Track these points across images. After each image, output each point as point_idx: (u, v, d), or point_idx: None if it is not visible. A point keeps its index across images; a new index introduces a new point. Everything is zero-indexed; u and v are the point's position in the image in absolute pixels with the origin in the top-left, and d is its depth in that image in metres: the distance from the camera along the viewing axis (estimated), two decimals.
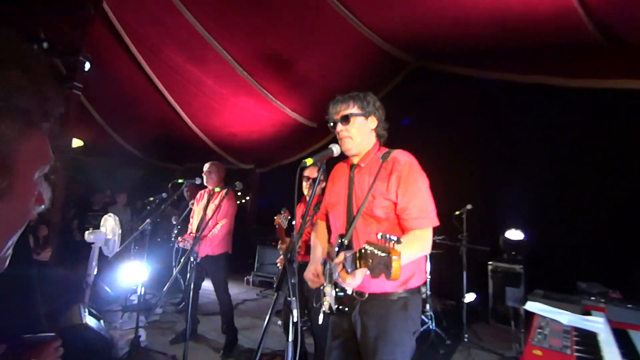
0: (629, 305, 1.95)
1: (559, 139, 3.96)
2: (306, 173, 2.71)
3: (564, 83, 3.49)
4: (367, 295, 1.36)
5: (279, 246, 3.06)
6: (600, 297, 2.19)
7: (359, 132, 1.49)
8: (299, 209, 3.04)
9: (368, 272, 1.02)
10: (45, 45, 4.56)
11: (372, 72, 4.41)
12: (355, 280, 1.17)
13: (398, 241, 0.92)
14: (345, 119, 1.48)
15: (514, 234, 4.05)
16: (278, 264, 2.95)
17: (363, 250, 1.03)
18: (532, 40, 3.30)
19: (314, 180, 2.71)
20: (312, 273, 1.48)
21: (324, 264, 1.50)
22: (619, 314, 1.84)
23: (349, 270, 1.13)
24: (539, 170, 4.11)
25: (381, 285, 1.35)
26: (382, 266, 0.92)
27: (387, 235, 0.94)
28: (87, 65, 5.04)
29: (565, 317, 1.61)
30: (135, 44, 4.84)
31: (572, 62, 3.38)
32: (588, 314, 1.74)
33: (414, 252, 1.34)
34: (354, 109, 1.49)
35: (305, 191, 2.76)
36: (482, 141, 4.49)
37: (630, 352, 1.34)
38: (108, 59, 5.13)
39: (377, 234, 1.00)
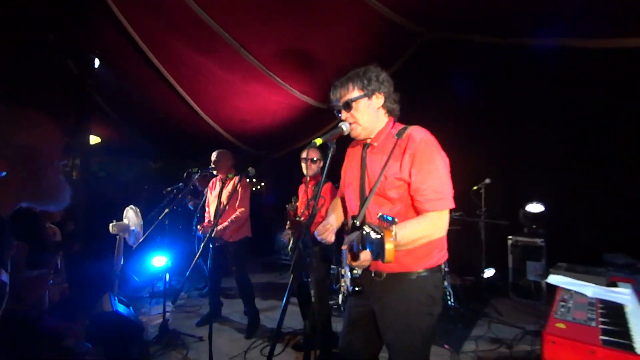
0: None
1: (581, 107, 3.75)
2: (303, 155, 2.70)
3: (588, 44, 3.26)
4: (385, 275, 1.35)
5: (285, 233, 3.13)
6: (626, 269, 2.12)
7: (363, 115, 1.40)
8: (302, 189, 3.07)
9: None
10: (54, 46, 4.64)
11: (382, 46, 4.24)
12: (359, 263, 1.15)
13: (393, 221, 0.88)
14: (347, 106, 1.40)
15: (535, 207, 3.94)
16: (282, 238, 3.04)
17: (364, 232, 1.00)
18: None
19: (312, 160, 2.73)
20: (323, 225, 1.44)
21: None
22: None
23: (355, 252, 1.12)
24: (559, 140, 3.93)
25: (400, 264, 1.32)
26: (377, 248, 0.89)
27: (385, 216, 0.91)
28: (97, 62, 5.11)
29: (590, 290, 1.57)
30: (141, 36, 4.84)
31: (594, 21, 3.14)
32: (614, 285, 1.69)
33: (421, 233, 1.27)
34: (354, 92, 1.40)
35: (305, 172, 2.77)
36: (499, 113, 4.31)
37: None
38: (117, 54, 5.17)
39: (392, 213, 0.98)
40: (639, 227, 3.35)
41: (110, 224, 3.50)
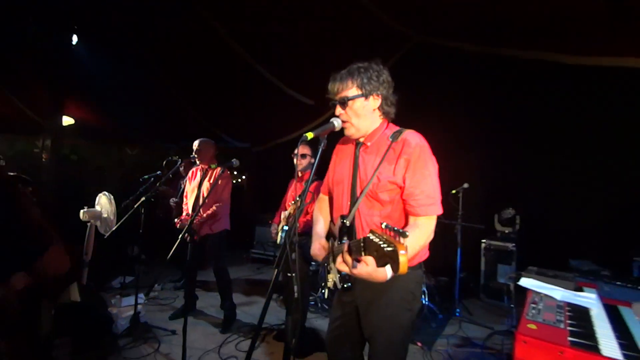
0: (619, 283, 2.00)
1: (553, 119, 3.95)
2: (295, 150, 2.71)
3: (566, 60, 3.42)
4: None
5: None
6: (591, 275, 2.25)
7: (358, 115, 1.37)
8: (292, 183, 3.05)
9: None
10: (31, 20, 4.35)
11: (371, 46, 4.26)
12: (359, 271, 1.11)
13: (404, 235, 0.88)
14: (343, 103, 1.37)
15: (507, 213, 4.11)
16: (273, 235, 3.03)
17: (368, 240, 0.99)
18: (535, 15, 3.18)
19: (302, 155, 2.73)
20: (318, 248, 1.46)
21: (328, 240, 1.49)
22: (609, 290, 1.90)
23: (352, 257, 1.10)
24: (533, 149, 4.12)
25: None
26: (388, 259, 0.89)
27: (394, 228, 0.91)
28: (75, 39, 4.84)
29: (559, 293, 1.65)
30: (125, 15, 4.62)
31: (574, 39, 3.30)
32: (580, 290, 1.78)
33: (420, 244, 1.30)
34: (352, 90, 1.36)
35: (298, 167, 2.81)
36: (479, 120, 4.44)
37: (621, 326, 1.39)
38: (97, 31, 4.91)
39: (380, 222, 0.97)
40: (603, 235, 3.56)
41: (81, 210, 3.34)
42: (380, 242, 0.91)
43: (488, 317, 3.61)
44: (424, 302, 3.53)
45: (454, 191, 3.77)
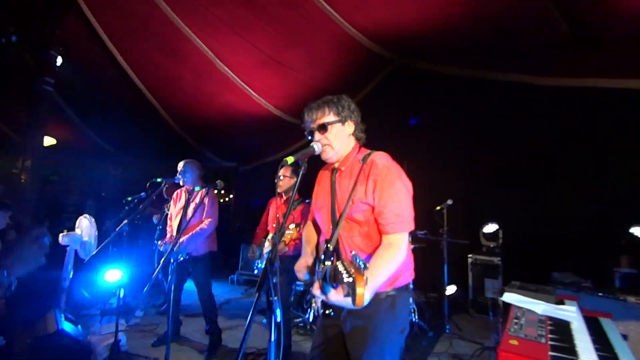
0: (600, 294, 2.06)
1: (533, 136, 4.11)
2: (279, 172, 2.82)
3: (539, 81, 3.62)
4: None
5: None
6: (573, 287, 2.30)
7: (337, 139, 1.47)
8: (272, 202, 3.07)
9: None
10: (14, 38, 4.32)
11: (355, 69, 4.40)
12: (328, 298, 1.15)
13: (365, 267, 0.90)
14: (323, 128, 1.45)
15: (492, 228, 4.19)
16: (250, 255, 2.99)
17: (336, 269, 1.01)
18: (510, 39, 3.38)
19: (279, 178, 2.82)
20: (302, 263, 1.49)
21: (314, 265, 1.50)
22: (590, 302, 1.95)
23: (329, 286, 1.13)
24: (515, 166, 4.26)
25: None
26: (348, 289, 0.90)
27: (357, 258, 0.93)
28: (59, 60, 4.81)
29: (540, 307, 1.68)
30: (110, 37, 4.66)
31: (548, 61, 3.50)
32: (562, 303, 1.82)
33: (393, 261, 1.31)
34: (329, 116, 1.46)
35: (278, 189, 2.89)
36: (462, 138, 4.59)
37: (601, 338, 1.42)
38: (82, 52, 4.92)
39: (362, 243, 0.96)
40: (584, 247, 3.66)
41: (60, 234, 3.23)
42: (344, 271, 0.93)
43: (478, 332, 3.60)
44: (414, 319, 3.52)
45: (438, 207, 3.83)
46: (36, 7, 4.22)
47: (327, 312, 1.31)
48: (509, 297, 1.80)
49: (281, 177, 2.84)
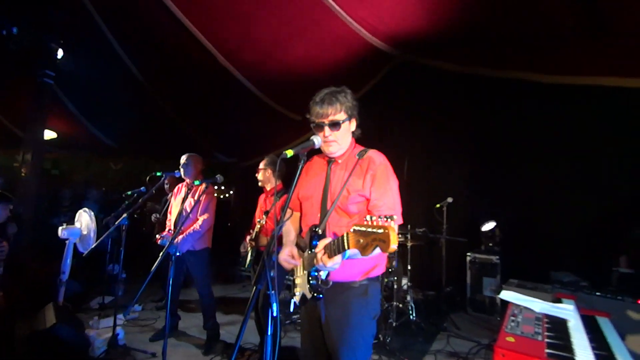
0: (597, 293, 2.05)
1: (534, 134, 4.09)
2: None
3: (542, 79, 3.59)
4: (331, 283, 1.44)
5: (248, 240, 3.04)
6: (571, 286, 2.30)
7: (344, 136, 1.54)
8: (261, 198, 3.10)
9: (356, 252, 1.09)
10: (14, 30, 4.30)
11: (357, 64, 4.38)
12: (334, 263, 1.24)
13: (392, 217, 1.01)
14: (336, 125, 1.49)
15: (491, 226, 4.18)
16: (242, 250, 2.99)
17: (351, 233, 1.10)
18: (515, 35, 3.35)
19: (263, 171, 2.96)
20: (288, 253, 1.54)
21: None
22: (587, 301, 1.94)
23: (332, 254, 1.21)
24: (516, 164, 4.24)
25: (345, 274, 1.46)
26: (377, 242, 1.00)
27: (381, 215, 1.03)
28: (60, 53, 4.79)
29: (538, 305, 1.67)
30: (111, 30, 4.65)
31: (552, 59, 3.48)
32: (559, 301, 1.82)
33: (370, 254, 1.39)
34: (341, 114, 1.50)
35: (259, 183, 3.06)
36: (463, 135, 4.57)
37: (598, 337, 1.42)
38: (82, 44, 4.91)
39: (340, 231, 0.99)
40: (583, 247, 3.65)
41: (60, 228, 3.24)
42: (367, 229, 1.03)
43: (475, 330, 3.60)
44: (411, 317, 3.52)
45: (438, 205, 3.83)
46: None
47: (315, 295, 1.39)
48: (506, 294, 1.80)
49: (262, 170, 2.98)
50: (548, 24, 3.05)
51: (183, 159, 3.18)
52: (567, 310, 1.64)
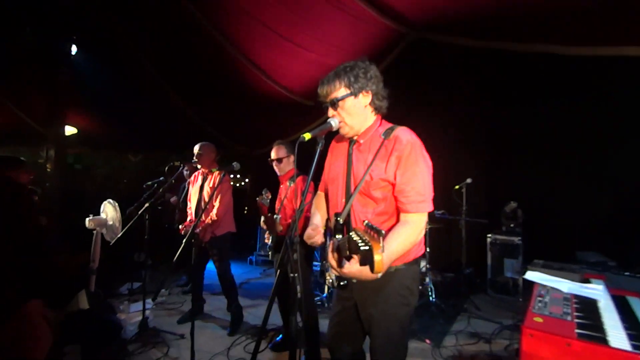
0: (627, 273, 1.98)
1: (558, 110, 3.90)
2: (272, 156, 2.74)
3: (564, 51, 3.38)
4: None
5: (261, 223, 3.01)
6: (598, 267, 2.23)
7: (350, 114, 1.38)
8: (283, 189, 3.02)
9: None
10: (27, 29, 4.40)
11: (369, 44, 4.25)
12: (343, 272, 1.15)
13: (381, 234, 0.89)
14: (333, 104, 1.38)
15: (512, 207, 4.08)
16: (266, 240, 2.99)
17: (350, 239, 1.00)
18: (533, 6, 3.15)
19: (278, 160, 2.71)
20: (313, 228, 1.46)
21: (326, 237, 1.50)
22: (617, 281, 1.88)
23: (340, 256, 1.13)
24: (538, 141, 4.08)
25: None
26: (365, 259, 0.90)
27: (373, 226, 0.91)
28: (74, 49, 4.87)
29: (565, 285, 1.63)
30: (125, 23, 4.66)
31: (573, 29, 3.25)
32: (587, 282, 1.77)
33: (410, 241, 1.30)
34: (340, 91, 1.37)
35: (278, 173, 2.80)
36: (481, 115, 4.42)
37: (629, 317, 1.37)
38: (96, 39, 4.96)
39: (366, 219, 0.95)
40: (609, 226, 3.52)
41: (87, 219, 3.36)
42: (359, 241, 0.92)
43: (496, 312, 3.58)
44: (431, 299, 3.52)
45: (457, 186, 3.75)
46: None
47: (341, 283, 1.32)
48: (532, 275, 1.76)
49: (277, 160, 2.73)
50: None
51: (196, 148, 3.22)
52: (596, 290, 1.60)
